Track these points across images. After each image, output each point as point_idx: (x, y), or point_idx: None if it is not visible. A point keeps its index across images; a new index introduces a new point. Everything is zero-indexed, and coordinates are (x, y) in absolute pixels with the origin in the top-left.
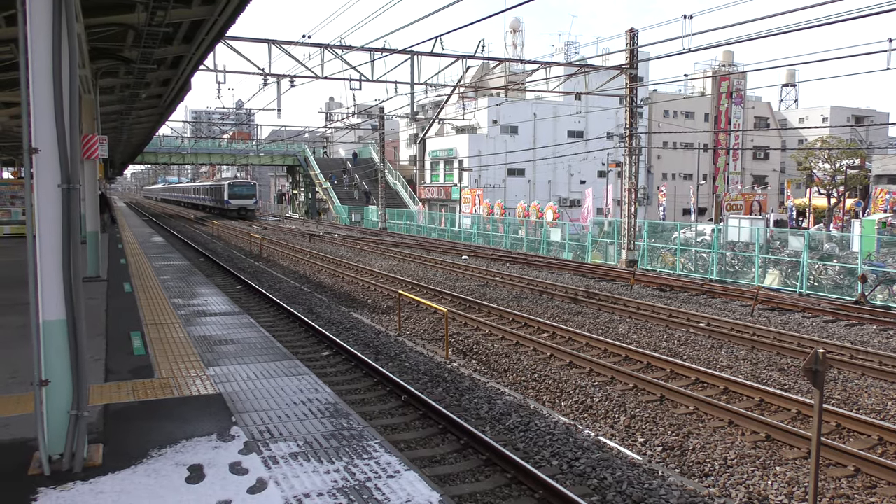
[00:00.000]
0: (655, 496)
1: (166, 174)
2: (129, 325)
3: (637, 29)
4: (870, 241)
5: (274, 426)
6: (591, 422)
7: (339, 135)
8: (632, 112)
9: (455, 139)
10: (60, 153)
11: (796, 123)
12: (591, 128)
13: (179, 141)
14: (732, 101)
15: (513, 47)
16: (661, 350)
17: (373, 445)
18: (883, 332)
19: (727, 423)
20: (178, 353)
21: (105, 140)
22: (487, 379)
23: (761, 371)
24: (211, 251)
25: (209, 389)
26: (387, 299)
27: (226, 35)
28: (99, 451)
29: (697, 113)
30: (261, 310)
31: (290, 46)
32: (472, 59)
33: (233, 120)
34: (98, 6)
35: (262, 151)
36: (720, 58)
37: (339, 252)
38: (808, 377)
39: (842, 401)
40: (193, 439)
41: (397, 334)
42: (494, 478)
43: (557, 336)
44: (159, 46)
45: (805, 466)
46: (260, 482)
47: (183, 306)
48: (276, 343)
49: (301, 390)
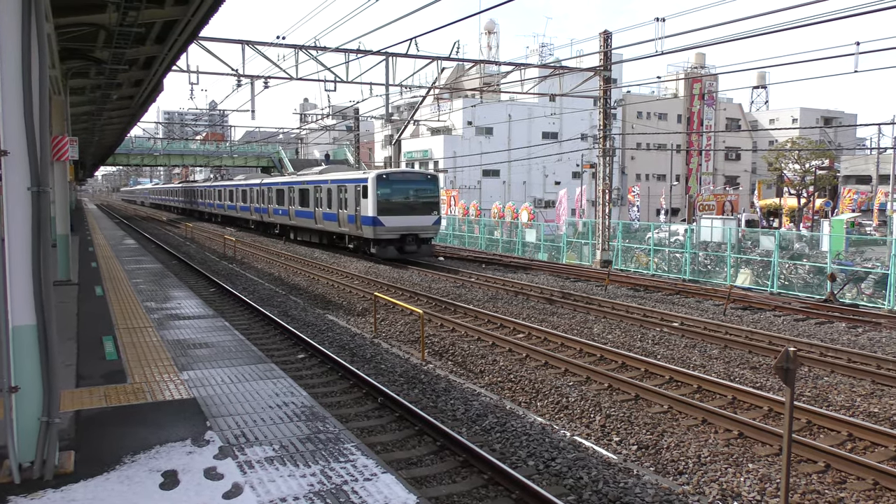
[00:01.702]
0: (631, 495)
1: (138, 175)
2: (100, 330)
3: (611, 31)
4: (838, 241)
5: (249, 430)
6: (567, 422)
7: (314, 136)
8: (606, 113)
9: (430, 140)
10: (30, 155)
11: (767, 125)
12: (566, 129)
13: (152, 142)
14: (704, 103)
15: (488, 49)
16: (635, 350)
17: (349, 448)
18: (851, 330)
19: (701, 422)
20: (152, 358)
21: (75, 142)
22: (464, 380)
23: (734, 369)
24: (184, 254)
25: (183, 394)
26: (362, 301)
27: (199, 36)
28: (70, 459)
29: (670, 114)
30: (235, 313)
31: (265, 47)
32: (447, 61)
33: (206, 121)
34: (68, 6)
35: (236, 153)
36: (692, 60)
37: (314, 254)
38: (780, 375)
39: (812, 398)
40: (167, 445)
41: (373, 336)
42: (471, 479)
43: (533, 337)
44: (131, 47)
45: (777, 463)
46: (235, 487)
47: (156, 310)
48: (251, 346)
49: (276, 394)
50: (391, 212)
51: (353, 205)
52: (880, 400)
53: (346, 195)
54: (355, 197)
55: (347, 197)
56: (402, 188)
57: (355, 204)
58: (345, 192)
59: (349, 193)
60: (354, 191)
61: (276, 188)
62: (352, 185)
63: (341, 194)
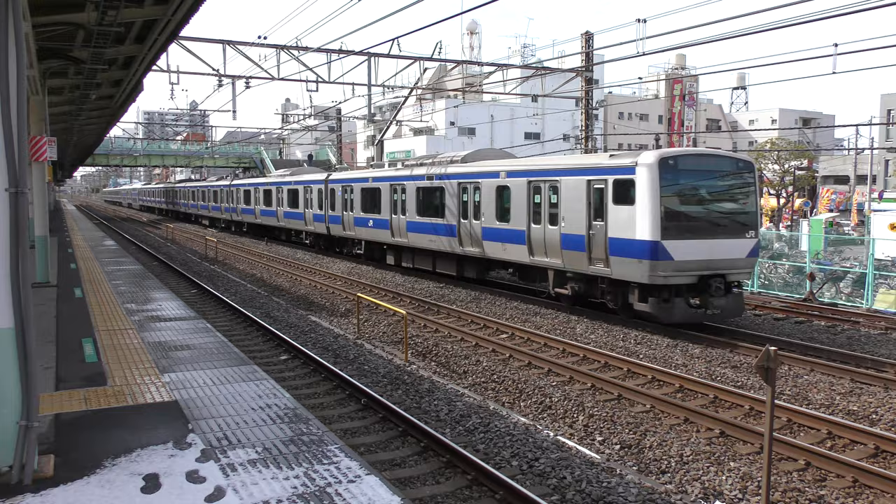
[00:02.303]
0: (614, 494)
1: (118, 176)
2: (80, 332)
3: (592, 32)
4: (817, 241)
5: (232, 433)
6: (551, 422)
7: (296, 136)
8: (588, 114)
9: (413, 141)
10: (7, 156)
11: (747, 125)
12: (548, 129)
13: (132, 143)
14: (685, 104)
15: (470, 49)
16: (618, 349)
17: (333, 450)
18: (830, 329)
19: (683, 421)
20: (132, 360)
21: (54, 142)
22: (447, 381)
23: (715, 368)
24: (165, 255)
25: (164, 396)
26: (345, 302)
27: (179, 35)
28: (50, 463)
29: (651, 115)
30: (217, 314)
31: (246, 47)
32: (430, 61)
33: (187, 121)
34: (46, 4)
35: (217, 153)
36: (673, 61)
37: (297, 255)
38: (761, 374)
39: (792, 396)
40: (149, 448)
41: (356, 337)
42: (455, 480)
43: (516, 337)
44: (110, 46)
45: (758, 461)
46: (218, 490)
47: (136, 311)
48: (233, 348)
49: (259, 395)
50: (686, 232)
51: (589, 215)
52: (859, 398)
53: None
54: (600, 202)
55: (577, 199)
56: (702, 185)
57: (590, 215)
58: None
59: (588, 194)
60: (600, 192)
61: (355, 185)
62: (588, 180)
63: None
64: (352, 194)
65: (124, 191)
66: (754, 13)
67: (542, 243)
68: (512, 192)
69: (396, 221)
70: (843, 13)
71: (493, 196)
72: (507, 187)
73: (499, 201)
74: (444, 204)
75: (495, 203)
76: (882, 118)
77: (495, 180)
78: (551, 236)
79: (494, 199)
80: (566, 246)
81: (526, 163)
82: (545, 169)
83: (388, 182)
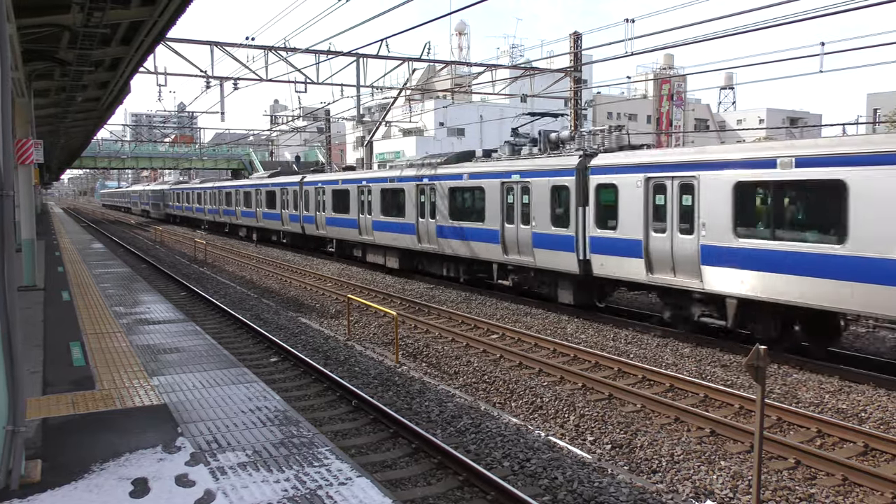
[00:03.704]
0: (605, 494)
1: (105, 178)
2: (67, 336)
3: (581, 32)
4: None
5: (221, 436)
6: (542, 422)
7: (285, 138)
8: (576, 114)
9: (402, 141)
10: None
11: (734, 125)
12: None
13: (119, 145)
14: (673, 104)
15: (459, 50)
16: (608, 349)
17: (323, 452)
18: None
19: (673, 420)
20: (121, 363)
21: (40, 144)
22: (438, 381)
23: (705, 367)
24: (153, 257)
25: (153, 400)
26: (335, 303)
27: (166, 37)
28: (37, 468)
29: (640, 115)
30: (206, 317)
31: (234, 48)
32: (419, 62)
33: (175, 123)
34: (31, 6)
35: (206, 155)
36: (661, 61)
37: (286, 256)
38: (751, 373)
39: (782, 395)
40: (137, 452)
41: (346, 339)
42: (447, 481)
43: (507, 337)
44: (97, 48)
45: (749, 460)
46: (208, 494)
47: (125, 315)
48: (223, 350)
49: (249, 398)
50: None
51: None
52: (848, 396)
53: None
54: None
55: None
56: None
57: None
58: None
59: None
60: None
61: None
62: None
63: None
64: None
65: (134, 192)
66: (742, 13)
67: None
68: (462, 194)
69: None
70: (829, 13)
71: (446, 196)
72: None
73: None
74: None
75: (448, 203)
76: (868, 117)
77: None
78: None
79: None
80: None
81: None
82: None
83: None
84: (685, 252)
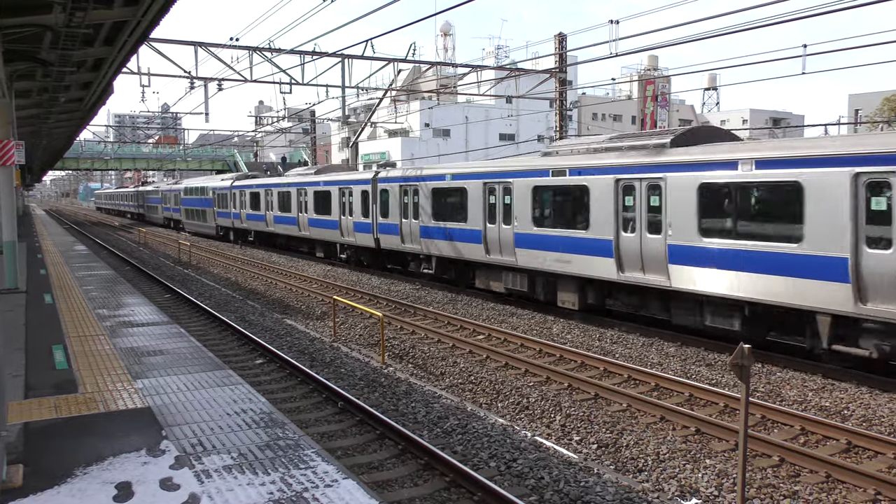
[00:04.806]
0: (592, 493)
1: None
2: (50, 339)
3: (566, 33)
4: None
5: (206, 439)
6: (528, 422)
7: (270, 139)
8: (562, 115)
9: (388, 142)
10: None
11: (718, 125)
12: (523, 130)
13: (102, 146)
14: (658, 105)
15: (444, 50)
16: (594, 349)
17: (309, 454)
18: None
19: (659, 419)
20: (104, 367)
21: (21, 146)
22: (424, 382)
23: (690, 367)
24: (137, 259)
25: (137, 403)
26: (321, 305)
27: (150, 37)
28: (19, 472)
29: (625, 116)
30: (191, 319)
31: (218, 49)
32: (404, 63)
33: (158, 124)
34: (12, 6)
35: (190, 156)
36: (645, 62)
37: (272, 258)
38: (735, 371)
39: (766, 393)
40: (121, 455)
41: (332, 340)
42: (433, 482)
43: (493, 338)
44: (79, 48)
45: (733, 458)
46: (192, 498)
47: (108, 317)
48: (208, 353)
49: (234, 400)
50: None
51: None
52: (831, 394)
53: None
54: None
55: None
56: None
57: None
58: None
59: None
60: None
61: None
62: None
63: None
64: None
65: (152, 192)
66: (725, 14)
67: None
68: (389, 195)
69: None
70: (812, 14)
71: (359, 198)
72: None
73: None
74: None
75: (360, 203)
76: (850, 118)
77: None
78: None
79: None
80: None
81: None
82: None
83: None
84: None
